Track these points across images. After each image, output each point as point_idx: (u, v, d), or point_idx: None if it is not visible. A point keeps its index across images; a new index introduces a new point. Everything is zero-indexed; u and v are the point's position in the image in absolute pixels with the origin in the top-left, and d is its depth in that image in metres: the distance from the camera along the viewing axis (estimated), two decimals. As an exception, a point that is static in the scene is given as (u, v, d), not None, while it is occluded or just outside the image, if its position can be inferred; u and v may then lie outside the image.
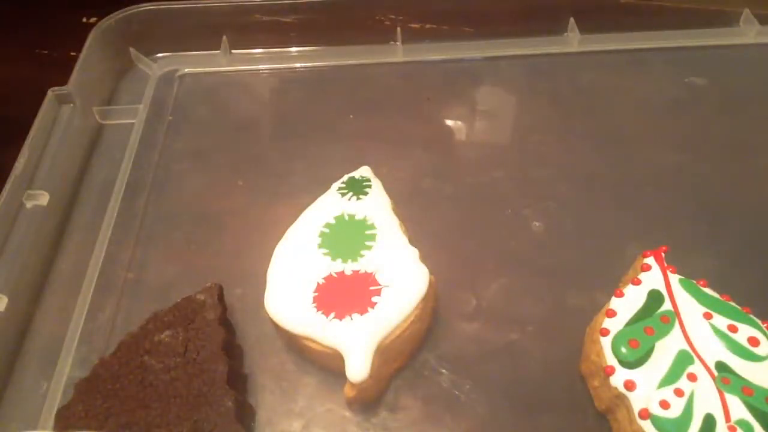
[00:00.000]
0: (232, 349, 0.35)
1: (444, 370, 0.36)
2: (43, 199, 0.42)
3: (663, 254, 0.36)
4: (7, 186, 0.41)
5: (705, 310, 0.33)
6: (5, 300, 0.37)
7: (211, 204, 0.44)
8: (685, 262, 0.36)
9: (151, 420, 0.32)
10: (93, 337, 0.38)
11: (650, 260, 0.35)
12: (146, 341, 0.34)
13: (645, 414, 0.30)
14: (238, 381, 0.35)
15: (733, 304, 0.34)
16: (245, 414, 0.34)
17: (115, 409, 0.32)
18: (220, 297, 0.37)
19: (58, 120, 0.47)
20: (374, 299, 0.34)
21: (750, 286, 0.37)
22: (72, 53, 0.50)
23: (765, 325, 0.33)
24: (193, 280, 0.38)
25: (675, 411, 0.30)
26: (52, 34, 0.60)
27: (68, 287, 0.40)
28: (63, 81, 0.47)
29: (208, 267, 0.41)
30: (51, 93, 0.47)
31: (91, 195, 0.45)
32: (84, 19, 0.60)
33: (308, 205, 0.40)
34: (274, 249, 0.38)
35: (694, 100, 0.50)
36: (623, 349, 0.32)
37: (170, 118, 0.50)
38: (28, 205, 0.42)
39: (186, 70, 0.53)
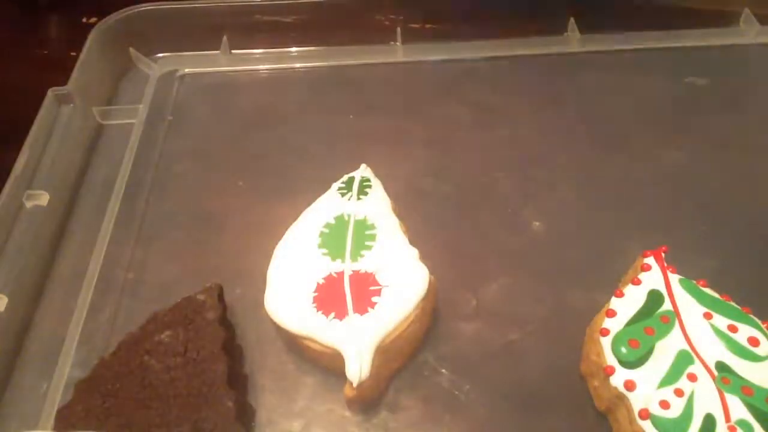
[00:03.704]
0: (232, 349, 0.35)
1: (444, 370, 0.36)
2: (43, 199, 0.42)
3: (663, 254, 0.36)
4: (7, 186, 0.41)
5: (705, 310, 0.33)
6: (5, 300, 0.37)
7: (211, 204, 0.44)
8: (685, 262, 0.36)
9: (151, 420, 0.32)
10: (93, 337, 0.38)
11: (650, 260, 0.35)
12: (146, 341, 0.34)
13: (645, 414, 0.30)
14: (238, 381, 0.35)
15: (733, 304, 0.34)
16: (245, 414, 0.34)
17: (115, 409, 0.32)
18: (220, 297, 0.36)
19: (58, 120, 0.47)
20: (374, 299, 0.34)
21: (750, 286, 0.37)
22: (72, 53, 0.50)
23: (765, 325, 0.33)
24: (193, 280, 0.38)
25: (675, 411, 0.30)
26: (52, 34, 0.60)
27: (68, 287, 0.40)
28: (63, 81, 0.47)
29: (208, 267, 0.41)
30: (51, 93, 0.47)
31: (91, 195, 0.45)
32: (84, 19, 0.60)
33: (308, 205, 0.40)
34: (274, 249, 0.38)
35: (694, 100, 0.50)
36: (623, 349, 0.32)
37: (170, 118, 0.50)
38: (28, 205, 0.42)
39: (186, 70, 0.53)
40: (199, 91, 0.52)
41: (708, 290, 0.34)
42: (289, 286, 0.35)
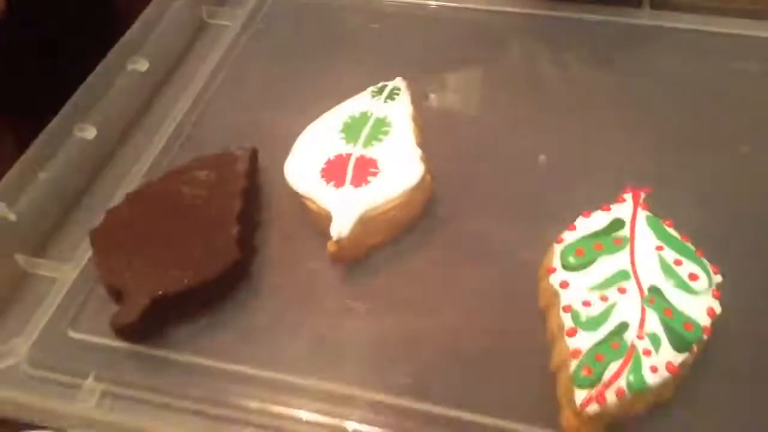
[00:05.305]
0: (251, 199, 0.42)
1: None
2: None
3: (643, 195, 0.38)
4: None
5: (659, 243, 0.35)
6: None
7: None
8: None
9: (174, 233, 0.40)
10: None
11: (627, 195, 0.38)
12: (186, 174, 0.42)
13: (568, 308, 0.33)
14: (250, 223, 0.42)
15: (689, 244, 0.36)
16: (246, 247, 0.40)
17: (149, 218, 0.40)
18: (253, 157, 0.44)
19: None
20: (370, 178, 0.40)
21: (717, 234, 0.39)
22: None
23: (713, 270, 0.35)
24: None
25: (594, 310, 0.33)
26: None
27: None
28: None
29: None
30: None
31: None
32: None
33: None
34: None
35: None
36: (569, 256, 0.35)
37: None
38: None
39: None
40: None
41: (671, 229, 0.36)
42: (306, 156, 0.42)
